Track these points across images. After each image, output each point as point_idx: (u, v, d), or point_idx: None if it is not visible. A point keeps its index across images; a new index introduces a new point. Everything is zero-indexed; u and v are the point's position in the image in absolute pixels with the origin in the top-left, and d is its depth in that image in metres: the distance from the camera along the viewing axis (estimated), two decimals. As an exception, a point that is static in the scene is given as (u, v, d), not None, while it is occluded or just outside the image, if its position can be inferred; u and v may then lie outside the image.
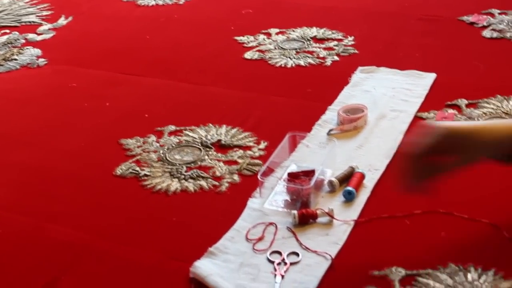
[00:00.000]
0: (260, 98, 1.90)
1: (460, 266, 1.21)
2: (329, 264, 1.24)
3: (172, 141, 1.70)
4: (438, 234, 1.30)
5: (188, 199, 1.47)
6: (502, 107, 1.73)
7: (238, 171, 1.55)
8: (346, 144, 1.62)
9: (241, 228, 1.34)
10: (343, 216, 1.36)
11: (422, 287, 1.17)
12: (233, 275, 1.22)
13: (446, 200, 1.38)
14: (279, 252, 1.27)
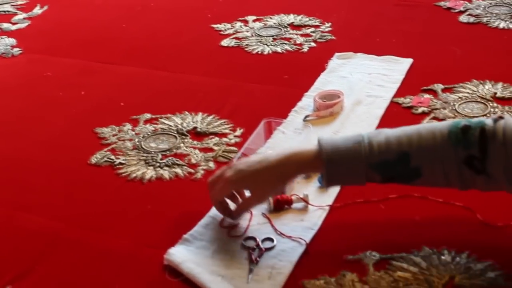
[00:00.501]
0: (236, 85, 1.89)
1: (434, 249, 1.21)
2: (304, 249, 1.23)
3: (147, 129, 1.68)
4: (413, 218, 1.30)
5: (163, 186, 1.46)
6: (477, 91, 1.73)
7: (213, 158, 1.54)
8: (322, 130, 1.62)
9: (216, 215, 1.34)
10: (318, 202, 1.35)
11: (396, 270, 1.16)
12: (208, 262, 1.21)
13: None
14: (254, 238, 1.27)
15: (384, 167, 1.16)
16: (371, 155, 1.15)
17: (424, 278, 1.14)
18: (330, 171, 1.17)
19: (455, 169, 1.12)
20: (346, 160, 1.16)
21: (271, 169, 1.22)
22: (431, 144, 1.13)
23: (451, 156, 1.12)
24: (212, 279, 1.16)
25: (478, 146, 1.10)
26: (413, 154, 1.14)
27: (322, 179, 1.21)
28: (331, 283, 1.14)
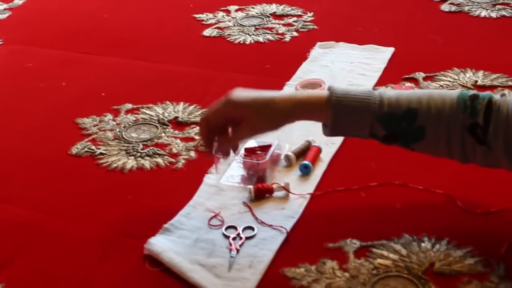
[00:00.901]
0: (218, 75, 1.88)
1: (414, 236, 1.21)
2: (284, 237, 1.23)
3: (128, 119, 1.68)
4: (393, 206, 1.30)
5: (144, 176, 1.45)
6: (458, 79, 1.74)
7: (195, 147, 1.54)
8: (304, 119, 1.61)
9: (197, 204, 1.33)
10: (299, 190, 1.35)
11: (377, 258, 1.17)
12: (188, 251, 1.21)
13: (401, 172, 1.38)
14: (234, 227, 1.26)
15: (390, 120, 1.15)
16: (380, 106, 1.15)
17: (404, 265, 1.14)
18: (337, 115, 1.16)
19: (459, 135, 1.13)
20: (354, 106, 1.16)
21: (277, 100, 1.19)
22: (439, 106, 1.14)
23: (457, 121, 1.12)
24: (192, 268, 1.16)
25: (483, 115, 1.11)
26: (420, 112, 1.14)
27: (326, 127, 1.20)
28: (312, 271, 1.14)
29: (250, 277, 1.14)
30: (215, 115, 1.22)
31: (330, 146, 1.50)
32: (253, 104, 1.19)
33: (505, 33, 2.00)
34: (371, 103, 1.15)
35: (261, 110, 1.19)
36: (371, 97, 1.16)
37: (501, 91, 1.27)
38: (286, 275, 1.14)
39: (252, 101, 1.19)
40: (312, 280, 1.13)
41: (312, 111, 1.19)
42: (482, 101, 1.12)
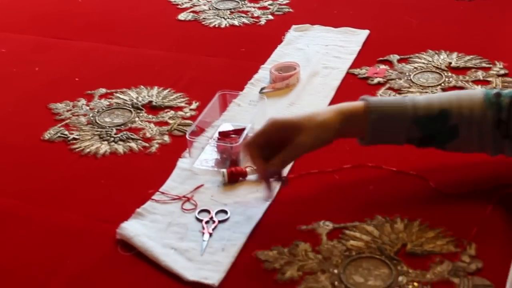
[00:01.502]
0: (193, 59, 1.87)
1: (387, 217, 1.21)
2: (258, 220, 1.23)
3: (102, 104, 1.67)
4: (367, 188, 1.31)
5: (117, 161, 1.44)
6: (433, 61, 1.74)
7: (168, 132, 1.53)
8: (278, 102, 1.61)
9: (170, 188, 1.33)
10: (273, 173, 1.35)
11: (349, 239, 1.17)
12: (161, 235, 1.20)
13: (375, 154, 1.38)
14: (207, 210, 1.26)
15: (426, 122, 1.19)
16: (415, 110, 1.19)
17: (377, 246, 1.15)
18: (376, 123, 1.19)
19: (489, 131, 1.19)
20: (392, 113, 1.19)
21: (325, 118, 1.19)
22: (469, 105, 1.19)
23: (486, 118, 1.18)
24: (165, 252, 1.16)
25: (507, 111, 1.17)
26: (453, 112, 1.19)
27: (362, 138, 1.23)
28: (284, 253, 1.14)
29: (222, 261, 1.14)
30: (261, 137, 1.19)
31: (304, 129, 1.49)
32: (304, 123, 1.18)
33: (479, 15, 2.00)
34: (407, 108, 1.19)
35: (313, 129, 1.18)
36: (405, 102, 1.20)
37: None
38: (259, 258, 1.14)
39: (302, 120, 1.19)
40: (285, 262, 1.12)
41: (355, 123, 1.20)
42: (505, 98, 1.18)
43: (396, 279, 1.07)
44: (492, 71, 1.67)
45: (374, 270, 1.10)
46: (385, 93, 1.61)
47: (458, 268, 1.09)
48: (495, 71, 1.67)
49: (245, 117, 1.53)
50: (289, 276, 1.10)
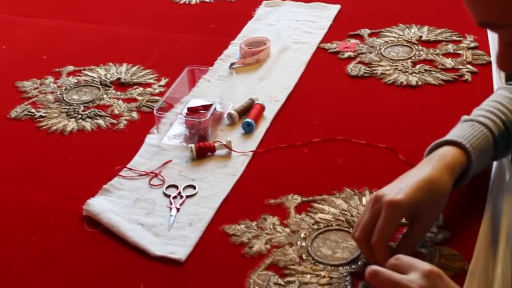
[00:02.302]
0: (162, 36, 1.85)
1: (355, 190, 1.21)
2: (226, 195, 1.22)
3: (70, 82, 1.64)
4: (335, 161, 1.30)
5: (85, 138, 1.43)
6: (403, 35, 1.73)
7: (137, 108, 1.51)
8: (248, 77, 1.60)
9: (137, 164, 1.31)
10: (242, 148, 1.34)
11: (318, 212, 1.16)
12: (128, 211, 1.19)
13: (344, 128, 1.38)
14: (175, 186, 1.25)
15: (499, 142, 1.12)
16: (492, 133, 1.11)
17: (345, 218, 1.14)
18: (475, 169, 1.10)
19: None
20: (483, 150, 1.10)
21: (438, 187, 1.02)
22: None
23: None
24: (131, 228, 1.15)
25: None
26: (509, 120, 1.13)
27: (457, 182, 1.08)
28: (252, 227, 1.14)
29: (190, 235, 1.13)
30: (388, 228, 0.98)
31: (274, 104, 1.49)
32: (426, 201, 1.01)
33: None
34: (488, 137, 1.11)
35: (435, 204, 1.03)
36: (484, 131, 1.11)
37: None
38: (227, 232, 1.13)
39: (423, 197, 1.00)
40: (253, 236, 1.12)
41: (457, 172, 1.07)
42: None
43: (364, 250, 1.06)
44: (462, 44, 1.67)
45: (342, 242, 1.10)
46: (355, 67, 1.60)
47: (425, 239, 1.09)
48: (465, 44, 1.67)
49: (214, 92, 1.52)
50: (257, 250, 1.09)
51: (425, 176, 1.01)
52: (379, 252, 0.97)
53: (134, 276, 1.06)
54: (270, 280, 1.03)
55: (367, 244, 0.99)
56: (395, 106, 1.46)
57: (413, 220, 1.02)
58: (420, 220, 1.01)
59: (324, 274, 1.03)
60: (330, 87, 1.55)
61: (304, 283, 1.02)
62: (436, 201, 1.02)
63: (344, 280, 1.02)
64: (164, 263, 1.08)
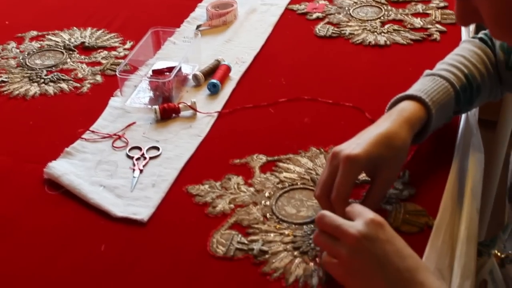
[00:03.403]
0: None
1: (321, 148, 1.19)
2: (190, 156, 1.20)
3: (33, 47, 1.61)
4: (302, 120, 1.28)
5: (47, 102, 1.40)
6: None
7: (101, 71, 1.48)
8: (215, 39, 1.58)
9: (101, 127, 1.29)
10: (208, 109, 1.32)
11: (283, 172, 1.14)
12: (90, 173, 1.17)
13: (311, 87, 1.36)
14: (139, 147, 1.22)
15: (461, 95, 1.11)
16: (453, 86, 1.10)
17: (310, 177, 1.13)
18: (435, 123, 1.08)
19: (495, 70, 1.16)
20: (444, 104, 1.08)
21: (396, 141, 1.00)
22: (478, 60, 1.15)
23: (500, 61, 1.16)
24: (93, 190, 1.12)
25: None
26: (473, 73, 1.13)
27: (417, 136, 1.07)
28: (216, 187, 1.12)
29: (152, 196, 1.11)
30: (346, 184, 0.96)
31: (240, 65, 1.46)
32: (384, 155, 0.98)
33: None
34: (449, 90, 1.09)
35: (394, 158, 1.00)
36: (445, 85, 1.09)
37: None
38: (190, 192, 1.11)
39: (382, 151, 0.98)
40: (216, 196, 1.10)
41: (417, 129, 1.06)
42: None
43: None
44: (431, 4, 1.66)
45: (306, 201, 1.09)
46: (323, 28, 1.58)
47: (390, 196, 1.08)
48: (434, 4, 1.66)
49: (180, 54, 1.49)
50: (220, 209, 1.07)
51: (382, 130, 1.00)
52: (339, 208, 0.95)
53: (95, 238, 1.04)
54: (234, 239, 1.01)
55: (327, 201, 0.97)
56: (363, 66, 1.44)
57: (373, 175, 1.01)
58: (380, 174, 0.99)
59: (288, 232, 1.02)
60: (298, 47, 1.53)
61: (267, 241, 1.00)
62: (395, 155, 1.00)
63: (308, 238, 1.01)
64: (126, 224, 1.06)
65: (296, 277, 0.94)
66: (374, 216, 0.86)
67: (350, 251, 0.84)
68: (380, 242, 0.84)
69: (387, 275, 0.82)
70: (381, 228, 0.85)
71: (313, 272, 0.95)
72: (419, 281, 0.82)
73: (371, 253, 0.83)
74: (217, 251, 0.99)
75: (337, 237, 0.86)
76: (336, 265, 0.87)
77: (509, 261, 0.97)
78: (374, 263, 0.83)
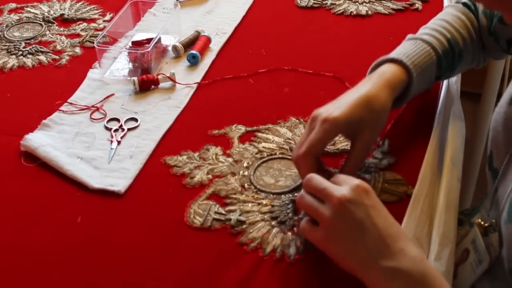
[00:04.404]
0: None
1: (300, 118, 1.18)
2: (168, 127, 1.19)
3: (12, 19, 1.59)
4: (281, 91, 1.27)
5: (26, 74, 1.38)
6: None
7: (80, 43, 1.47)
8: (195, 10, 1.57)
9: (79, 99, 1.27)
10: (187, 80, 1.31)
11: (261, 142, 1.13)
12: (67, 145, 1.15)
13: (291, 58, 1.35)
14: (117, 119, 1.21)
15: (443, 60, 1.10)
16: (435, 51, 1.09)
17: (289, 147, 1.12)
18: (417, 86, 1.07)
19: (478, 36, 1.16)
20: (425, 68, 1.07)
21: (376, 103, 0.98)
22: (461, 24, 1.14)
23: (484, 27, 1.15)
24: (70, 162, 1.11)
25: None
26: (456, 38, 1.12)
27: (398, 100, 1.06)
28: (194, 158, 1.11)
29: (130, 167, 1.10)
30: (318, 141, 0.94)
31: (221, 36, 1.45)
32: (365, 118, 0.97)
33: None
34: (431, 54, 1.08)
35: (374, 121, 0.98)
36: (427, 49, 1.08)
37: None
38: (168, 163, 1.11)
39: (362, 114, 0.96)
40: (194, 166, 1.09)
41: (398, 92, 1.04)
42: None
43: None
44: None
45: (285, 170, 1.08)
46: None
47: (369, 165, 1.07)
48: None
49: (160, 26, 1.47)
50: (198, 180, 1.06)
51: (362, 93, 0.98)
52: (304, 163, 0.94)
53: (71, 210, 1.03)
54: (211, 210, 1.01)
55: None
56: (344, 36, 1.43)
57: (353, 138, 0.99)
58: (361, 137, 0.98)
59: (266, 202, 1.01)
60: (279, 18, 1.52)
61: (245, 211, 1.00)
62: (375, 118, 0.98)
63: (286, 207, 1.00)
64: (103, 195, 1.05)
65: (273, 247, 0.94)
66: (360, 182, 0.86)
67: (334, 214, 0.83)
68: (364, 207, 0.83)
69: (368, 240, 0.82)
70: (367, 194, 0.85)
71: (290, 242, 0.94)
72: (398, 248, 0.81)
73: (354, 216, 0.83)
74: (194, 221, 0.98)
75: (322, 200, 0.86)
76: (317, 229, 0.86)
77: (493, 230, 0.96)
78: (357, 227, 0.83)
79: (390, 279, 0.80)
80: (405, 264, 0.80)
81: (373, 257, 0.81)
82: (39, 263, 0.93)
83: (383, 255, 0.81)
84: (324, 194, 0.85)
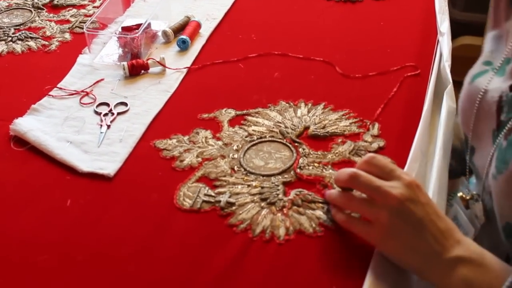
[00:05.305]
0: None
1: (290, 102, 1.18)
2: (158, 111, 1.19)
3: (1, 5, 1.58)
4: (272, 75, 1.27)
5: (15, 60, 1.38)
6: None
7: (70, 29, 1.46)
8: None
9: (68, 84, 1.27)
10: (177, 65, 1.30)
11: (251, 125, 1.13)
12: (57, 129, 1.15)
13: (282, 43, 1.35)
14: (107, 103, 1.21)
15: None
16: None
17: (279, 130, 1.12)
18: None
19: None
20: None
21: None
22: None
23: None
24: (59, 146, 1.11)
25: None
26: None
27: None
28: (184, 141, 1.11)
29: (120, 151, 1.10)
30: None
31: (211, 21, 1.45)
32: None
33: None
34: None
35: None
36: None
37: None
38: (158, 147, 1.10)
39: None
40: (184, 150, 1.09)
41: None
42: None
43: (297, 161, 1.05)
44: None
45: (275, 153, 1.08)
46: None
47: (359, 148, 1.07)
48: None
49: (150, 12, 1.47)
50: (188, 163, 1.06)
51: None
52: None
53: (61, 193, 1.02)
54: (200, 192, 1.00)
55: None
56: (334, 21, 1.43)
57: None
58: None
59: (256, 184, 1.01)
60: (269, 3, 1.52)
61: (235, 193, 1.00)
62: None
63: (276, 189, 1.00)
64: (93, 179, 1.05)
65: (262, 228, 0.94)
66: (411, 178, 0.85)
67: (393, 213, 0.83)
68: (421, 205, 0.83)
69: (428, 235, 0.82)
70: (420, 190, 0.85)
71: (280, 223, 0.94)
72: (456, 239, 0.83)
73: (414, 214, 0.83)
74: (184, 203, 0.98)
75: (375, 199, 0.85)
76: (372, 227, 0.85)
77: (475, 200, 0.97)
78: (417, 225, 0.82)
79: (455, 268, 0.81)
80: (466, 252, 0.82)
81: (435, 251, 0.82)
82: (29, 247, 0.93)
83: (444, 248, 0.82)
84: (378, 193, 0.84)
